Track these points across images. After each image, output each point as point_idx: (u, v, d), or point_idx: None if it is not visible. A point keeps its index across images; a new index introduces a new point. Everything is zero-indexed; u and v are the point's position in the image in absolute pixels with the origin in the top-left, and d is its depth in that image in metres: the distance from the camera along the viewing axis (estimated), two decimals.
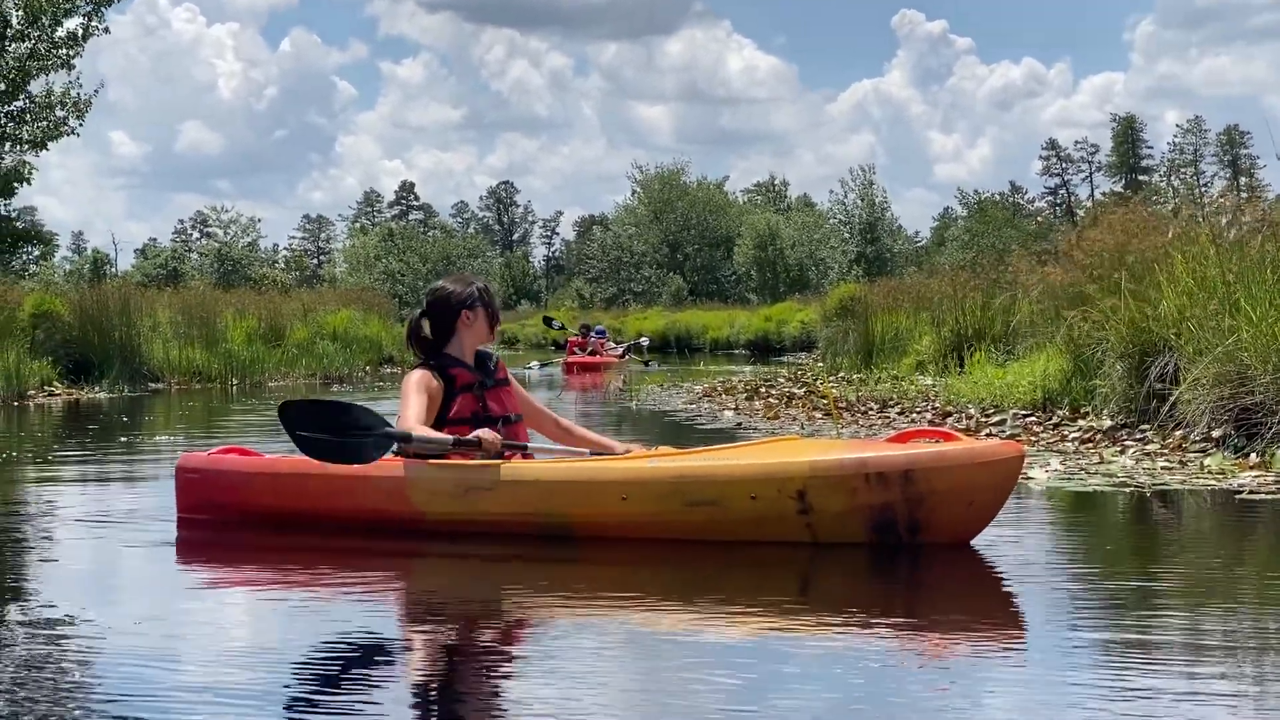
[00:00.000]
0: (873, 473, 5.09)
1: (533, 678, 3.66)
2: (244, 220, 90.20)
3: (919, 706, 3.32)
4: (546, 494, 5.44)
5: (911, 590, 4.89)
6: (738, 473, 5.27)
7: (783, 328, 39.95)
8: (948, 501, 5.09)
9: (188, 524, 6.15)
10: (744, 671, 3.61)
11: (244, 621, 4.48)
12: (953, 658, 3.80)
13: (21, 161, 31.17)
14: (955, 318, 15.82)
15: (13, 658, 3.84)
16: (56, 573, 5.28)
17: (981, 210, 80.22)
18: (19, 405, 16.55)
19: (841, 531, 5.18)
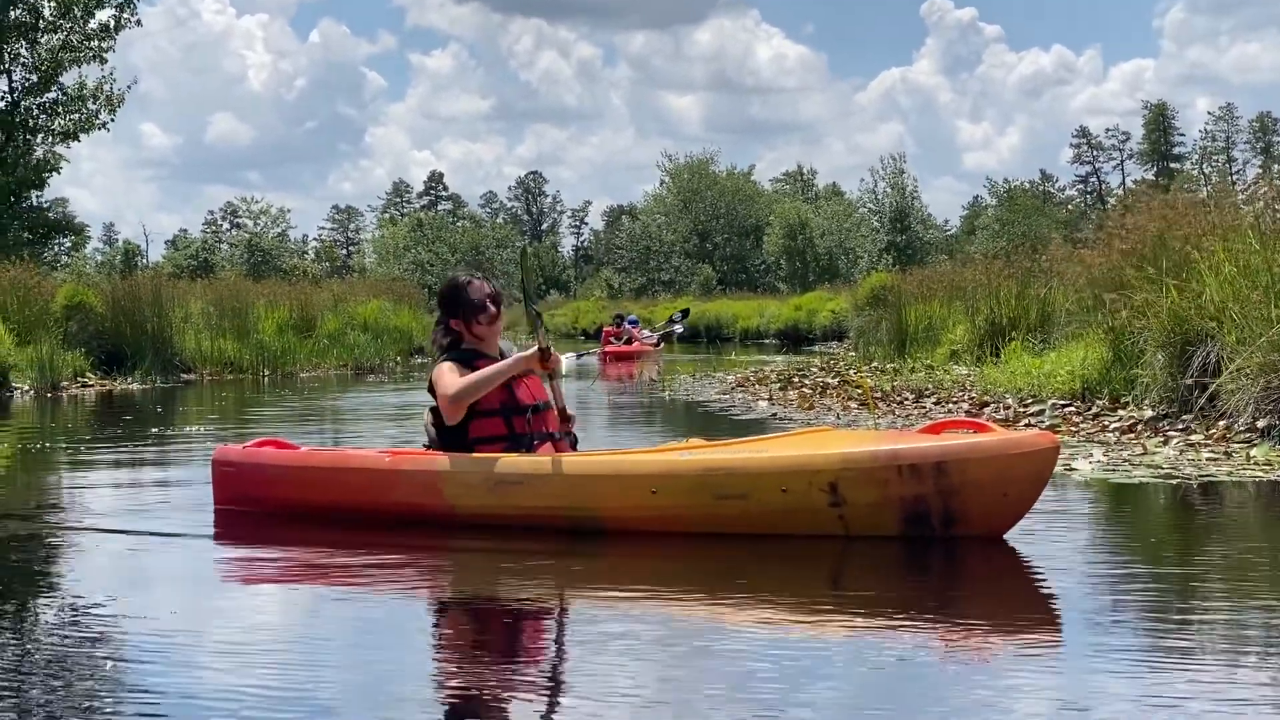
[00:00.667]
0: (905, 464, 5.03)
1: (563, 670, 3.64)
2: (274, 211, 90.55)
3: (950, 703, 3.26)
4: (576, 487, 5.41)
5: (945, 584, 4.81)
6: (768, 465, 5.21)
7: (813, 317, 39.75)
8: (982, 493, 5.01)
9: (224, 516, 6.15)
10: (773, 666, 3.57)
11: (277, 614, 4.45)
12: (986, 653, 3.73)
13: (51, 152, 31.32)
14: (990, 307, 15.70)
15: (47, 647, 3.82)
16: (91, 564, 5.24)
17: (1012, 199, 79.79)
18: (52, 396, 16.59)
19: (874, 524, 5.11)
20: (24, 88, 31.11)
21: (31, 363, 17.18)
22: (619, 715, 3.20)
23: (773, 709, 3.21)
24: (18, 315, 18.09)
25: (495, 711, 3.30)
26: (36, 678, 3.53)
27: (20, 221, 31.23)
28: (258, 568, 5.32)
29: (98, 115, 31.32)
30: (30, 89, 31.05)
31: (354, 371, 23.03)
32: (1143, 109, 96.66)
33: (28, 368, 17.11)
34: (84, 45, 30.70)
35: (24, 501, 7.15)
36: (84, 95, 31.16)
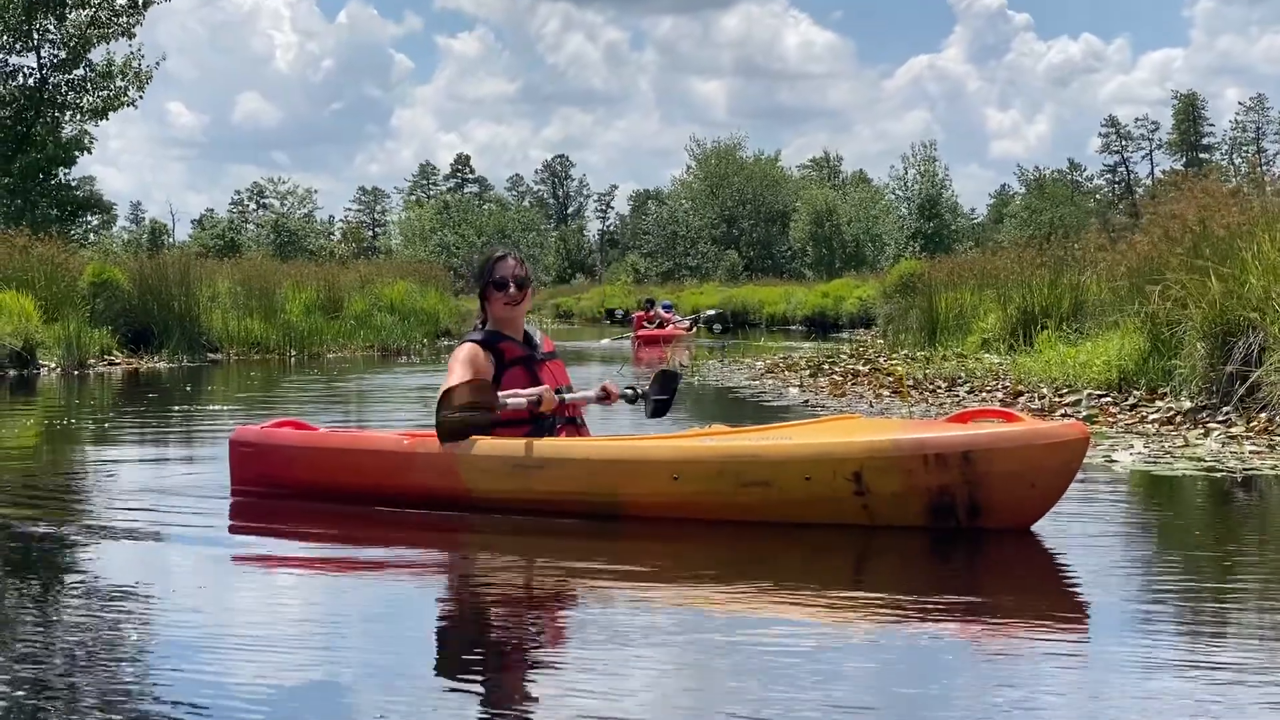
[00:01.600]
0: (931, 454, 4.93)
1: (580, 659, 3.54)
2: (300, 191, 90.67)
3: (971, 697, 3.19)
4: (596, 473, 5.33)
5: (971, 575, 4.70)
6: (792, 453, 5.12)
7: (840, 304, 39.61)
8: (1009, 484, 4.91)
9: (244, 496, 6.12)
10: (792, 656, 3.50)
11: (290, 597, 4.36)
12: (1012, 647, 3.64)
13: (82, 130, 31.36)
14: (1022, 295, 15.55)
15: (65, 625, 3.75)
16: (111, 544, 5.14)
17: (1041, 187, 79.37)
18: (79, 374, 16.57)
19: (899, 514, 5.02)
20: (52, 64, 31.13)
21: (59, 340, 17.17)
22: (637, 705, 3.13)
23: (786, 699, 3.14)
24: (45, 292, 18.08)
25: (509, 700, 3.22)
26: (56, 657, 3.45)
27: (49, 199, 31.27)
28: (273, 549, 5.20)
29: (126, 92, 31.33)
30: (58, 65, 31.07)
31: (381, 353, 22.98)
32: (1172, 99, 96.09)
33: (55, 345, 17.10)
34: (112, 21, 30.69)
35: (49, 480, 7.08)
36: (112, 72, 31.15)
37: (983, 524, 4.96)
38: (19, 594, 4.25)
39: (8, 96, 30.81)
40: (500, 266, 5.85)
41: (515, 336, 5.82)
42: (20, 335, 16.15)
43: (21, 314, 16.62)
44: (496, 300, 5.81)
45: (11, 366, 15.81)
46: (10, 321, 16.17)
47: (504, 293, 5.80)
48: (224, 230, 77.64)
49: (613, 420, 8.18)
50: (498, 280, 5.81)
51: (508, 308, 5.81)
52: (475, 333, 5.89)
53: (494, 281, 5.81)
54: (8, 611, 4.00)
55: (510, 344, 5.76)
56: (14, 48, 30.93)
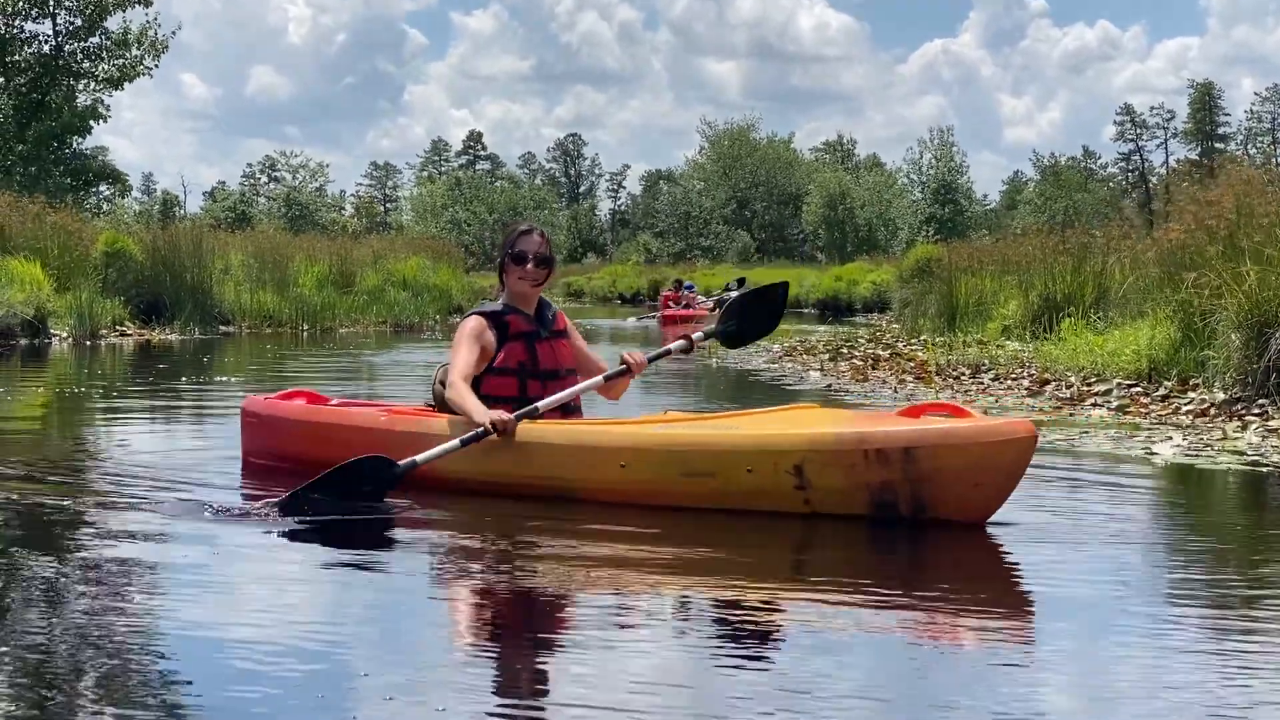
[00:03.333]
0: (872, 449, 4.78)
1: (525, 652, 3.40)
2: (312, 165, 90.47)
3: (918, 692, 3.10)
4: (550, 457, 5.26)
5: (916, 569, 4.54)
6: (734, 444, 5.00)
7: (853, 288, 39.37)
8: (952, 482, 4.74)
9: (250, 468, 6.11)
10: (734, 649, 3.42)
11: (288, 574, 4.22)
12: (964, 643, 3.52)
13: (97, 99, 31.22)
14: (1044, 282, 15.37)
15: (73, 598, 3.61)
16: (115, 515, 4.97)
17: (1055, 174, 79.08)
18: (91, 344, 16.45)
19: (839, 508, 4.87)
20: (68, 31, 30.97)
21: (70, 310, 17.03)
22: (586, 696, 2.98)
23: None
24: (58, 261, 17.95)
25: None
26: (65, 635, 3.30)
27: (63, 167, 31.13)
28: (270, 528, 5.03)
29: (141, 61, 31.17)
30: (74, 33, 30.91)
31: (393, 329, 22.85)
32: (1188, 87, 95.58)
33: (66, 315, 16.96)
34: None
35: (58, 450, 6.94)
36: (128, 40, 30.99)
37: (928, 517, 4.79)
38: (23, 569, 4.09)
39: (23, 64, 30.66)
40: (524, 241, 5.70)
41: (527, 311, 5.69)
42: (32, 304, 16.02)
43: (33, 282, 16.48)
44: (513, 274, 5.68)
45: (23, 335, 15.67)
46: (22, 290, 16.03)
47: (521, 267, 5.65)
48: (236, 203, 77.52)
49: (627, 401, 7.98)
50: (517, 254, 5.67)
51: (522, 283, 5.67)
52: (486, 303, 5.81)
53: (513, 255, 5.68)
54: (12, 586, 3.84)
55: (517, 317, 5.63)
56: (30, 14, 30.78)
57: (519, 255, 5.66)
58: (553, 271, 5.79)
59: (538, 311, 5.73)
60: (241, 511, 5.12)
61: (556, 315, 5.79)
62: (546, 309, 5.76)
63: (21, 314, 15.65)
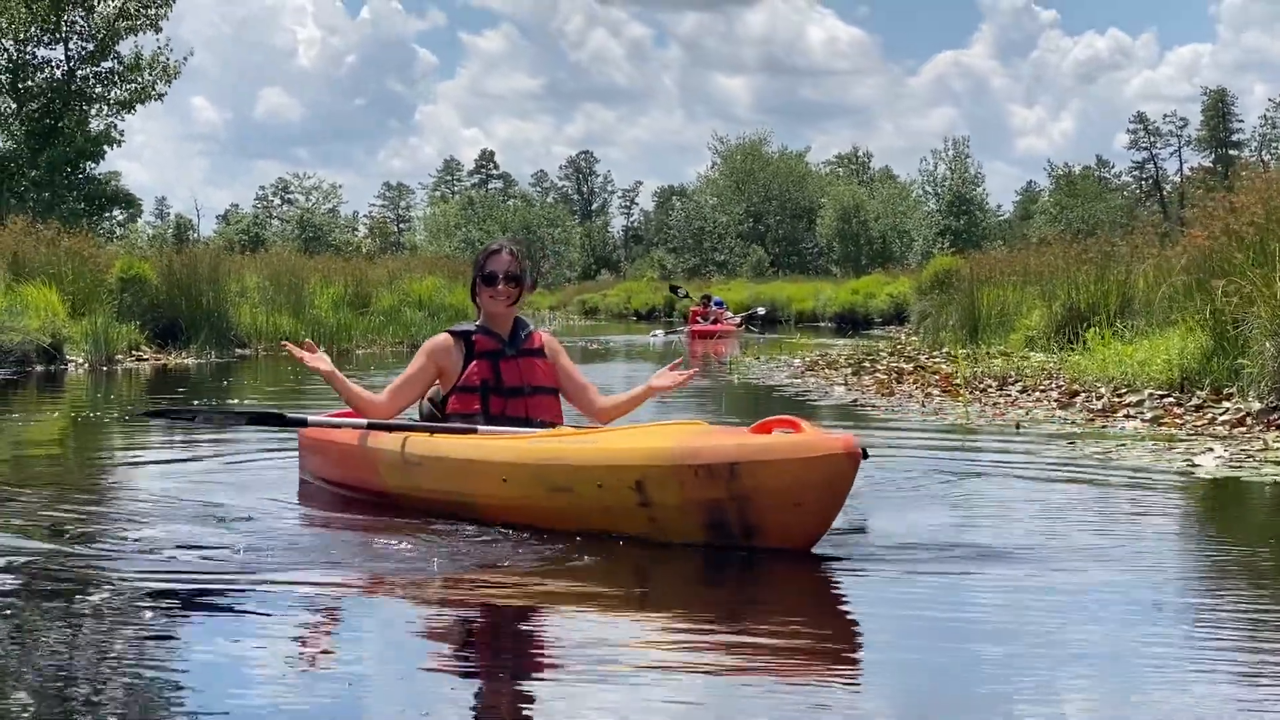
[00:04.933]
0: (701, 465, 4.51)
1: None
2: (325, 187, 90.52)
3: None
4: (451, 472, 5.19)
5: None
6: (587, 458, 4.82)
7: (870, 301, 39.25)
8: (773, 501, 4.44)
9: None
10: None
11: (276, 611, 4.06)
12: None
13: (110, 124, 31.23)
14: (1068, 291, 15.22)
15: (90, 629, 3.46)
16: (132, 540, 4.85)
17: (1070, 184, 78.81)
18: (107, 369, 16.35)
19: (680, 529, 4.64)
20: (80, 57, 30.98)
21: (86, 335, 16.93)
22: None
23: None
24: (73, 286, 17.85)
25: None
26: (82, 670, 3.17)
27: (77, 192, 31.13)
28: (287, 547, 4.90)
29: (154, 85, 31.18)
30: (86, 58, 30.93)
31: (410, 348, 22.71)
32: (1201, 95, 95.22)
33: (82, 340, 16.86)
34: (140, 13, 30.54)
35: (75, 479, 6.80)
36: (140, 64, 30.99)
37: (759, 544, 4.52)
38: (42, 598, 3.96)
39: (35, 89, 30.67)
40: (493, 260, 5.70)
41: (499, 329, 5.67)
42: (48, 330, 15.92)
43: (49, 309, 16.38)
44: (485, 294, 5.67)
45: (39, 362, 15.58)
46: (38, 316, 15.93)
47: (492, 288, 5.65)
48: (249, 225, 77.59)
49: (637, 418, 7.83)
50: (487, 275, 5.67)
51: (494, 303, 5.65)
52: (463, 323, 5.80)
53: (483, 276, 5.67)
54: (30, 617, 3.71)
55: (484, 336, 5.63)
56: (42, 40, 30.79)
57: (489, 276, 5.65)
58: (523, 287, 5.73)
59: (513, 331, 5.69)
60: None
61: (531, 335, 5.74)
62: (521, 328, 5.73)
63: (37, 341, 15.55)
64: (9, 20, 29.97)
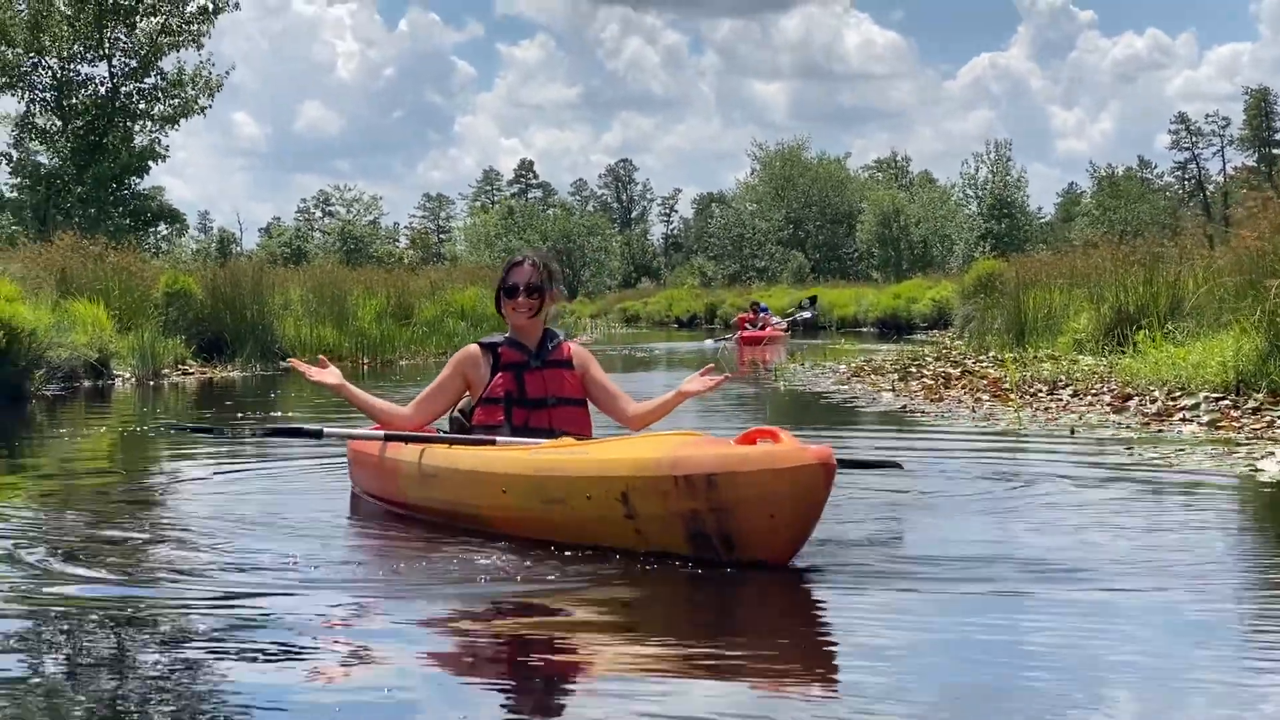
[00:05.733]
0: (681, 476, 4.44)
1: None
2: (366, 199, 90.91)
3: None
4: (461, 484, 5.22)
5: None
6: (577, 470, 4.79)
7: (912, 305, 39.05)
8: (749, 513, 4.35)
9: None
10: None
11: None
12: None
13: (154, 139, 31.42)
14: (1116, 294, 15.06)
15: (140, 645, 3.42)
16: (181, 552, 4.82)
17: (1113, 185, 78.26)
18: (154, 384, 16.41)
19: (664, 541, 4.57)
20: (123, 73, 31.18)
21: (133, 350, 17.00)
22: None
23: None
24: (120, 302, 17.93)
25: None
26: (132, 688, 3.13)
27: (123, 208, 31.31)
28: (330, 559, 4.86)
29: (196, 100, 31.35)
30: (130, 74, 31.13)
31: None
32: (1243, 94, 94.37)
33: (129, 355, 16.93)
34: (183, 29, 30.73)
35: (124, 494, 6.79)
36: (183, 80, 31.18)
37: (738, 555, 4.44)
38: (90, 614, 3.93)
39: (80, 106, 30.87)
40: (514, 273, 5.74)
41: (526, 340, 5.68)
42: (95, 346, 15.98)
43: (96, 324, 16.45)
44: (507, 306, 5.71)
45: (86, 377, 15.64)
46: (85, 332, 16.00)
47: (513, 300, 5.68)
48: (291, 238, 78.00)
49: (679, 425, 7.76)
50: (507, 287, 5.70)
51: (517, 315, 5.68)
52: (494, 335, 5.81)
53: (505, 288, 5.72)
54: (80, 633, 3.69)
55: (509, 348, 5.65)
56: (86, 57, 31.00)
57: (510, 288, 5.69)
58: (545, 299, 5.70)
59: (540, 342, 5.69)
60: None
61: (559, 346, 5.73)
62: (550, 340, 5.72)
63: (85, 356, 15.61)
64: (52, 38, 30.18)
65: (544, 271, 5.73)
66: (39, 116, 31.29)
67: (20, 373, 13.56)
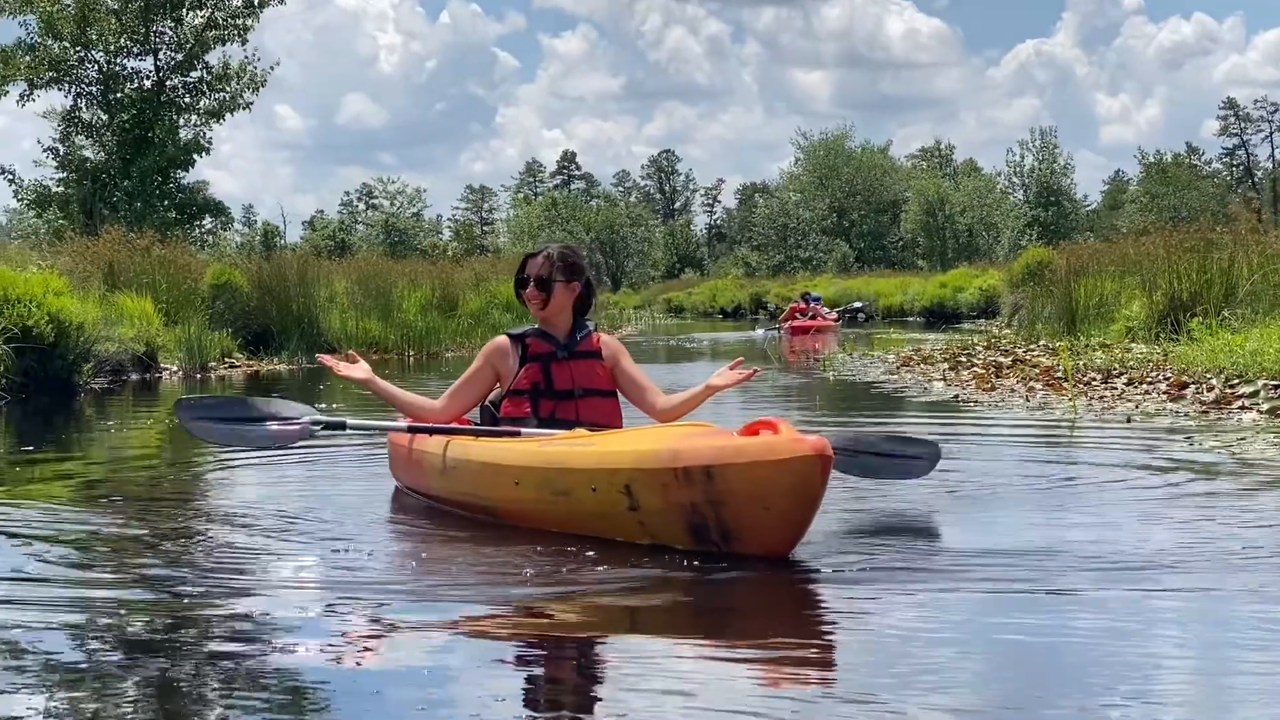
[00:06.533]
0: (680, 467, 4.40)
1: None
2: (410, 191, 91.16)
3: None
4: (477, 476, 5.24)
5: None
6: (583, 462, 4.76)
7: (959, 294, 38.78)
8: (745, 505, 4.30)
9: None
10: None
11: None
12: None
13: (200, 132, 31.55)
14: (1169, 281, 14.88)
15: (192, 638, 3.36)
16: (228, 547, 4.77)
17: (1162, 172, 77.56)
18: (200, 377, 16.44)
19: (666, 533, 4.52)
20: (169, 67, 31.31)
21: (180, 343, 17.03)
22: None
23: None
24: (166, 295, 17.97)
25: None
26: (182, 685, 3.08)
27: (169, 201, 31.46)
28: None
29: (242, 94, 31.46)
30: (176, 68, 31.25)
31: None
32: None
33: (176, 348, 16.97)
34: (228, 23, 30.84)
35: (174, 486, 6.76)
36: (229, 74, 31.29)
37: (736, 548, 4.37)
38: (138, 607, 3.88)
39: (126, 100, 31.00)
40: (528, 265, 5.74)
41: (556, 331, 5.66)
42: (142, 339, 16.01)
43: (143, 317, 16.49)
44: (524, 298, 5.73)
45: (134, 370, 15.67)
46: (132, 325, 16.03)
47: (524, 291, 5.72)
48: (335, 231, 78.32)
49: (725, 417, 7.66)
50: (521, 279, 5.74)
51: (530, 305, 5.70)
52: (522, 326, 5.80)
53: (518, 280, 5.76)
54: (128, 624, 3.64)
55: (536, 339, 5.63)
56: (132, 51, 31.14)
57: (521, 280, 5.73)
58: (553, 293, 5.62)
59: (570, 333, 5.67)
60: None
61: (589, 337, 5.69)
62: (579, 330, 5.69)
63: (132, 349, 15.64)
64: (99, 32, 30.32)
65: (557, 263, 5.67)
66: (85, 110, 31.44)
67: (69, 366, 13.59)
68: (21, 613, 3.88)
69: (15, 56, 30.22)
